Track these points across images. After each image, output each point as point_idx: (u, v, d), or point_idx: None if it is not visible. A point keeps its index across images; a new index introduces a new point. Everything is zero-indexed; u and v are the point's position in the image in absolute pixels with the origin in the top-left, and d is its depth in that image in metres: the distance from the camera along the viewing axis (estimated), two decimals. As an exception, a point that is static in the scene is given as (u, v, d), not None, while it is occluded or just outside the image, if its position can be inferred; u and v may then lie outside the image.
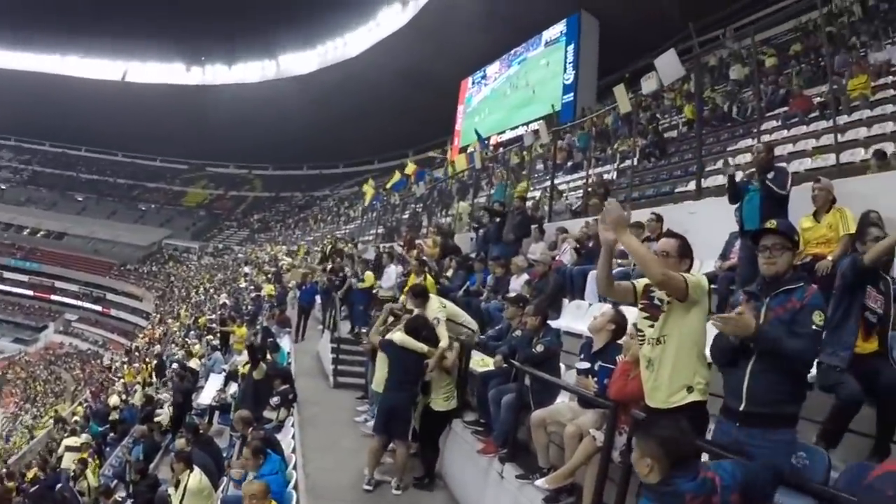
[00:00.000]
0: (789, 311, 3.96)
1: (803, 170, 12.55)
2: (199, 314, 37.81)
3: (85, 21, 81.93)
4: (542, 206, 17.15)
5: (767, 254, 4.13)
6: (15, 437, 43.95)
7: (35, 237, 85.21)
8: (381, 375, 8.77)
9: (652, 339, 4.50)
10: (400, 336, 8.31)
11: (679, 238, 4.82)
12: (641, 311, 4.67)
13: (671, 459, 3.29)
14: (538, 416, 6.22)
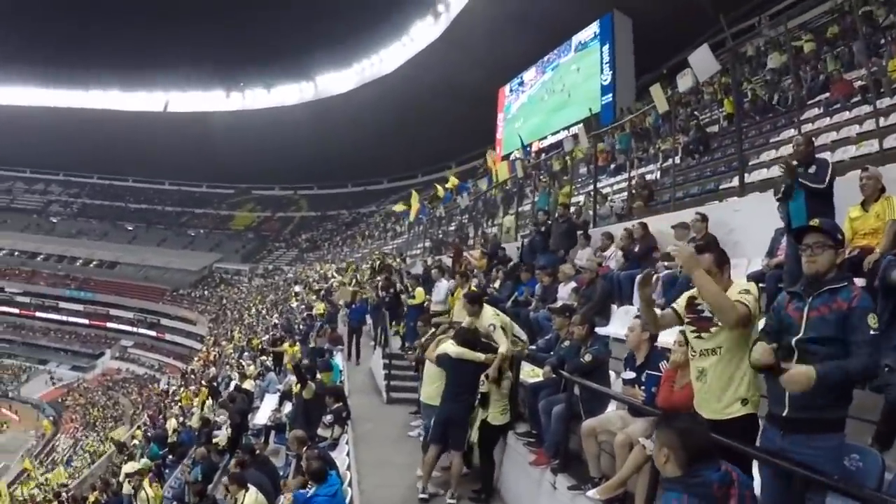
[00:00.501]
0: (835, 312, 3.84)
1: (848, 158, 12.26)
2: (252, 335, 38.06)
3: (125, 55, 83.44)
4: (585, 210, 17.03)
5: (809, 252, 4.03)
6: (76, 461, 44.58)
7: (88, 267, 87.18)
8: (431, 388, 8.80)
9: (704, 350, 4.46)
10: (455, 349, 8.29)
11: (711, 249, 4.68)
12: (688, 324, 4.60)
13: (687, 451, 3.45)
14: (588, 425, 6.18)
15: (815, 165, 7.36)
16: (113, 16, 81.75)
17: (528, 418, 8.49)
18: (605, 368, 7.28)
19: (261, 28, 76.88)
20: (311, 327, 25.88)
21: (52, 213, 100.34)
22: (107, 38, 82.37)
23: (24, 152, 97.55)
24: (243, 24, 78.44)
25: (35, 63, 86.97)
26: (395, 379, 14.25)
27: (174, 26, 79.19)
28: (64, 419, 59.72)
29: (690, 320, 4.58)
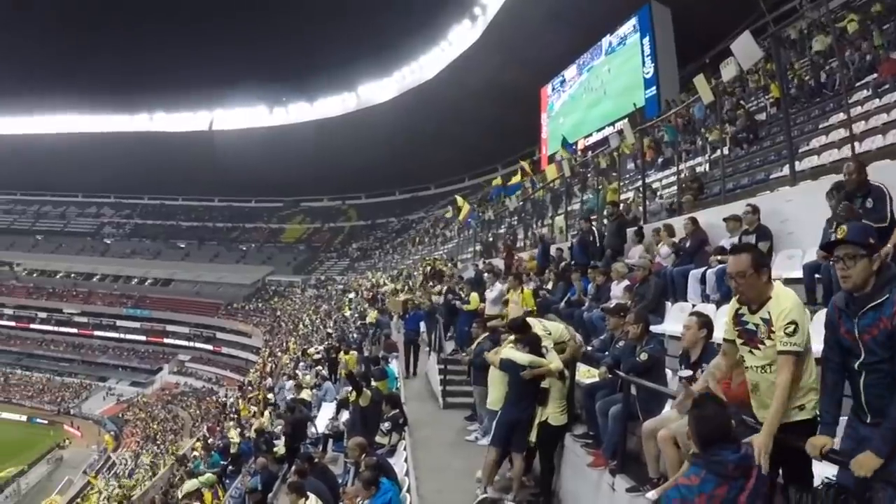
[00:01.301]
0: (883, 332, 3.68)
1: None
2: (308, 345, 38.24)
3: (168, 78, 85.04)
4: (635, 207, 16.86)
5: (841, 265, 3.86)
6: (137, 474, 45.17)
7: (143, 286, 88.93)
8: (497, 394, 8.75)
9: (755, 367, 4.36)
10: (525, 356, 8.24)
11: (749, 251, 4.49)
12: (738, 338, 4.48)
13: (699, 435, 3.90)
14: (649, 426, 6.06)
15: (872, 198, 7.07)
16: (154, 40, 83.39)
17: (584, 420, 8.37)
18: (662, 367, 7.17)
19: (301, 43, 77.54)
20: (364, 335, 25.95)
21: (106, 234, 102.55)
22: (149, 63, 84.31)
23: (75, 178, 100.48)
24: (284, 39, 79.19)
25: (82, 91, 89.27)
26: (451, 384, 14.22)
27: (216, 46, 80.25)
28: (124, 434, 60.55)
29: (738, 333, 4.47)
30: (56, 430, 62.13)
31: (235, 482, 18.39)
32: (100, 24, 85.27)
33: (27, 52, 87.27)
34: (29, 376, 78.26)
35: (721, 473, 3.72)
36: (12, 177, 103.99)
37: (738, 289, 4.33)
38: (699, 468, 3.81)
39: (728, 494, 3.68)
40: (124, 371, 78.86)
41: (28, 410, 68.93)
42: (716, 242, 10.32)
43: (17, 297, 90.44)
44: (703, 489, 3.68)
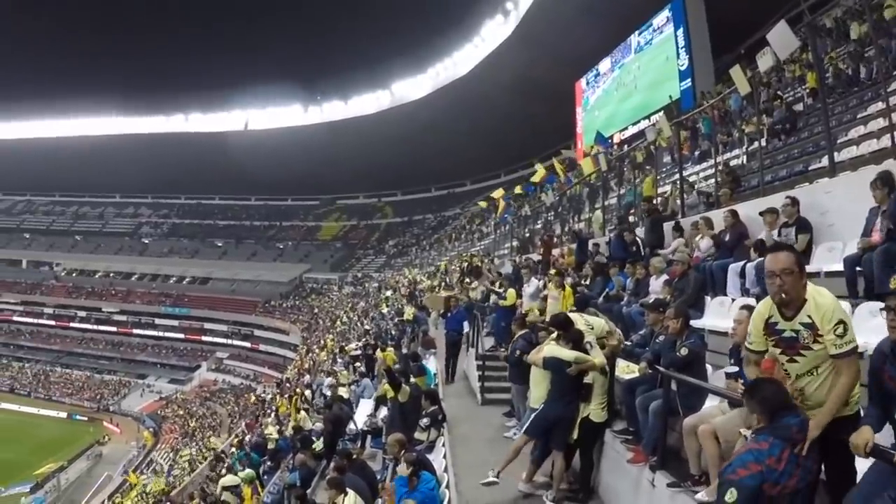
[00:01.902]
0: None
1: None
2: (345, 342, 38.33)
3: (203, 79, 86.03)
4: (673, 200, 16.73)
5: (891, 316, 3.89)
6: (176, 470, 45.70)
7: (181, 284, 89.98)
8: (539, 393, 8.72)
9: (801, 373, 4.31)
10: (570, 353, 8.21)
11: (791, 249, 4.48)
12: (774, 347, 4.42)
13: (770, 413, 4.07)
14: (690, 422, 6.02)
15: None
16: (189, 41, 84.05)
17: (624, 415, 8.33)
18: (702, 362, 7.12)
19: (335, 41, 77.88)
20: (402, 332, 25.95)
21: (144, 234, 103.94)
22: (185, 64, 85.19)
23: (113, 179, 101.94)
24: (318, 38, 79.58)
25: (118, 94, 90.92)
26: (490, 380, 14.17)
27: (250, 46, 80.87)
28: (163, 430, 61.30)
29: (775, 342, 4.41)
30: (96, 427, 63.15)
31: (273, 478, 18.45)
32: (135, 27, 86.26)
33: (64, 56, 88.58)
34: (69, 374, 79.44)
35: (786, 437, 3.94)
36: (51, 179, 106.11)
37: (783, 288, 4.21)
38: (766, 435, 4.02)
39: (792, 456, 3.90)
40: (163, 368, 79.73)
41: (68, 407, 69.90)
42: (755, 235, 10.23)
43: (58, 296, 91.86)
44: (773, 452, 3.90)
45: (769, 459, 3.86)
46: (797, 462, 3.88)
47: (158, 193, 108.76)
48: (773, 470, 3.83)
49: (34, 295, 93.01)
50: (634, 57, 44.96)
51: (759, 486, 3.81)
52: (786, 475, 3.83)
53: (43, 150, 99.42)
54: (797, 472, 3.87)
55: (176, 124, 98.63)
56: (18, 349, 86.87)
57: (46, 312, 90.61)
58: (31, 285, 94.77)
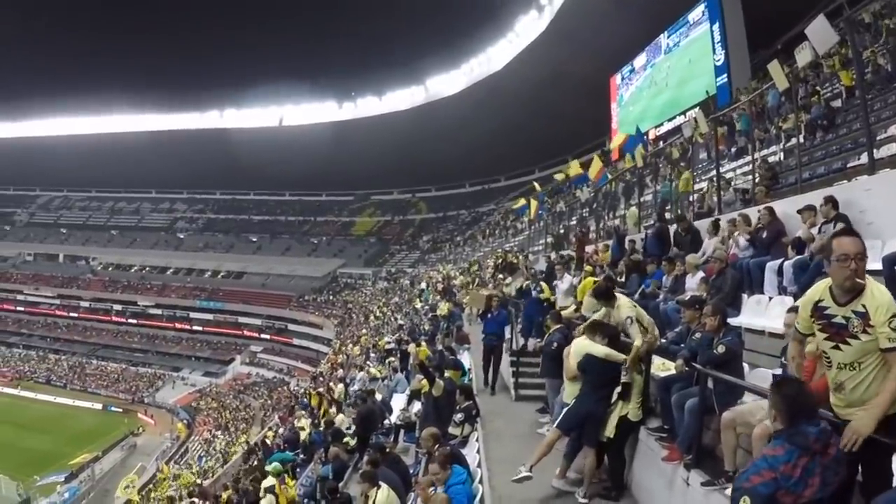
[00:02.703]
0: None
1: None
2: (379, 337, 38.40)
3: (238, 76, 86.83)
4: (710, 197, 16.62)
5: None
6: (209, 461, 46.21)
7: (216, 278, 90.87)
8: (573, 389, 8.70)
9: (842, 364, 4.22)
10: (602, 349, 8.19)
11: (859, 235, 4.42)
12: (820, 332, 4.35)
13: (789, 412, 3.95)
14: (728, 417, 5.99)
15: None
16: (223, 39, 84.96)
17: (659, 413, 8.25)
18: (739, 360, 7.04)
19: (369, 37, 77.97)
20: (436, 327, 25.94)
21: (179, 229, 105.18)
22: (219, 61, 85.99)
23: (148, 175, 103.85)
24: (353, 35, 79.66)
25: (154, 91, 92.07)
26: (523, 376, 14.04)
27: (285, 43, 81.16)
28: (197, 422, 61.86)
29: (822, 327, 4.33)
30: (130, 418, 63.66)
31: (306, 471, 18.58)
32: (171, 24, 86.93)
33: (101, 54, 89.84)
34: (104, 366, 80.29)
35: (802, 445, 3.82)
36: (88, 175, 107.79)
37: (856, 272, 4.17)
38: (783, 440, 3.93)
39: (809, 465, 3.78)
40: (197, 361, 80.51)
41: (103, 399, 70.74)
42: (792, 233, 10.15)
43: (94, 290, 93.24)
44: (788, 459, 3.80)
45: (784, 466, 3.77)
46: (815, 471, 3.76)
47: (194, 189, 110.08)
48: (788, 477, 3.73)
49: (71, 289, 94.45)
50: (669, 52, 44.64)
51: (772, 495, 3.73)
52: (802, 484, 3.73)
53: (80, 146, 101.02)
54: (815, 481, 3.75)
55: (211, 121, 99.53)
56: (55, 342, 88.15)
57: (83, 306, 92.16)
58: (67, 279, 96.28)
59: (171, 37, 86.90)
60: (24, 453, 51.18)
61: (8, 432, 56.33)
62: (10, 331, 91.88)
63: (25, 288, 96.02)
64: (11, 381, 75.80)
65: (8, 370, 79.97)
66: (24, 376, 77.83)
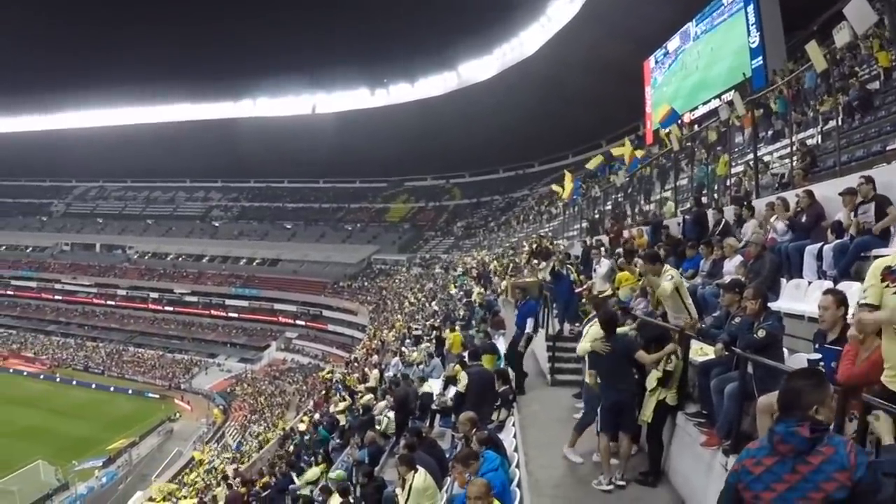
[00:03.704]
0: None
1: None
2: (413, 323, 38.53)
3: (271, 64, 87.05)
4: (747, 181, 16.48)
5: None
6: (245, 446, 46.70)
7: (251, 266, 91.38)
8: None
9: None
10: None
11: None
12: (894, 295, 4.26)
13: (782, 405, 3.60)
14: (765, 401, 5.85)
15: None
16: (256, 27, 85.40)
17: (697, 398, 8.22)
18: (780, 345, 6.94)
19: (401, 24, 77.64)
20: (472, 313, 25.96)
21: (214, 217, 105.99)
22: (252, 50, 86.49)
23: (183, 164, 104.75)
24: (384, 21, 79.54)
25: (187, 80, 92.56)
26: (560, 361, 14.00)
27: (317, 31, 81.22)
28: (233, 408, 62.62)
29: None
30: (167, 404, 64.48)
31: (342, 455, 18.73)
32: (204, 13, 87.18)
33: (134, 45, 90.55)
34: (141, 353, 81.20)
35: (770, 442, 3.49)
36: (123, 165, 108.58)
37: None
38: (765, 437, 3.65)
39: (775, 467, 3.43)
40: (233, 348, 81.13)
41: (140, 385, 71.75)
42: (830, 217, 10.05)
43: (130, 278, 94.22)
44: (756, 454, 3.55)
45: (747, 460, 3.58)
46: (783, 477, 3.38)
47: (228, 178, 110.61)
48: (748, 472, 3.52)
49: (108, 277, 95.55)
50: (703, 35, 44.14)
51: (734, 485, 3.59)
52: (760, 484, 3.45)
53: (115, 137, 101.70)
54: (780, 487, 3.38)
55: (244, 109, 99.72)
56: (92, 329, 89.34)
57: (120, 294, 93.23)
58: (104, 268, 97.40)
59: (204, 26, 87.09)
60: (63, 439, 51.94)
61: (47, 418, 57.27)
62: (49, 319, 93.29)
63: (63, 277, 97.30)
64: (50, 368, 77.12)
65: (46, 358, 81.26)
66: (62, 364, 79.08)
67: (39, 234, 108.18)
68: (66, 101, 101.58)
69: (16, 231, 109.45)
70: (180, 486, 39.86)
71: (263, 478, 24.70)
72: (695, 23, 44.22)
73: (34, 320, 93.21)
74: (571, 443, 9.14)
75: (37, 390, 67.57)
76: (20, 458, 44.81)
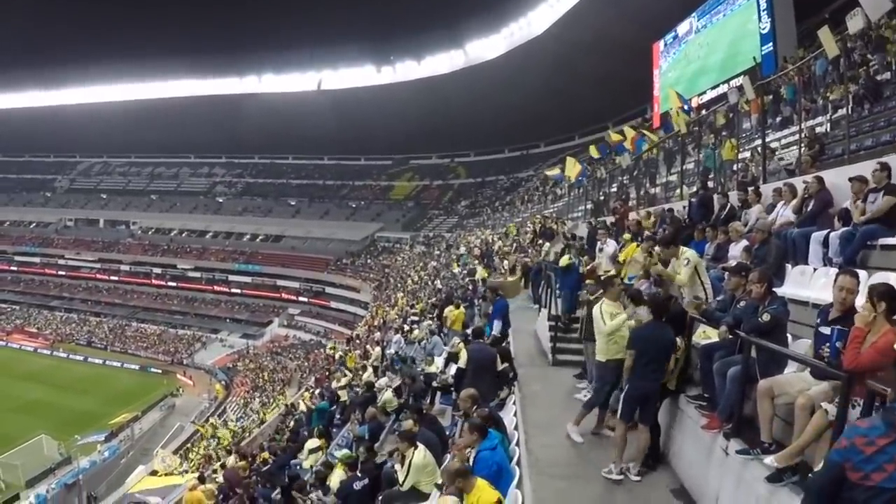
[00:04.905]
0: None
1: None
2: (416, 301, 38.57)
3: (276, 40, 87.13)
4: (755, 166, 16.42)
5: None
6: (245, 421, 46.96)
7: (255, 242, 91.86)
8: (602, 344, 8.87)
9: None
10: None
11: None
12: None
13: None
14: (765, 385, 5.93)
15: None
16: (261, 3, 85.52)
17: (699, 381, 8.17)
18: (784, 329, 6.94)
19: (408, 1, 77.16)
20: (474, 292, 25.93)
21: (218, 193, 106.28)
22: (258, 26, 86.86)
23: (187, 140, 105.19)
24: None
25: (192, 56, 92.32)
26: (561, 341, 14.02)
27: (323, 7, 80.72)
28: (235, 383, 63.14)
29: None
30: (169, 379, 65.01)
31: (343, 431, 18.79)
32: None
33: (137, 19, 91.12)
34: (144, 329, 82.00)
35: (889, 422, 3.43)
36: (127, 141, 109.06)
37: None
38: (879, 414, 3.70)
39: (889, 447, 3.36)
40: (235, 324, 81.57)
41: (143, 360, 72.18)
42: (839, 204, 10.01)
43: (134, 254, 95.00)
44: (868, 433, 3.45)
45: (858, 438, 3.45)
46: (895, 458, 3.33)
47: (232, 153, 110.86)
48: (858, 451, 3.40)
49: (111, 253, 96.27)
50: (713, 20, 43.87)
51: (840, 464, 3.45)
52: (871, 464, 3.35)
53: (118, 113, 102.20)
54: (890, 468, 3.31)
55: (249, 85, 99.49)
56: (96, 305, 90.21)
57: (123, 269, 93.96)
58: (108, 244, 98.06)
59: (209, 2, 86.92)
60: (66, 414, 52.46)
61: (50, 393, 57.77)
62: (53, 294, 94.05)
63: (67, 252, 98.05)
64: (53, 343, 77.61)
65: (50, 333, 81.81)
66: (65, 339, 79.67)
67: (43, 209, 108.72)
68: (70, 77, 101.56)
69: (20, 207, 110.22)
70: (182, 461, 40.11)
71: (263, 452, 24.85)
72: (710, 1, 43.84)
73: (38, 296, 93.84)
74: (577, 421, 9.16)
75: (40, 365, 68.09)
76: (23, 432, 45.25)
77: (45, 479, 41.45)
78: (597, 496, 7.71)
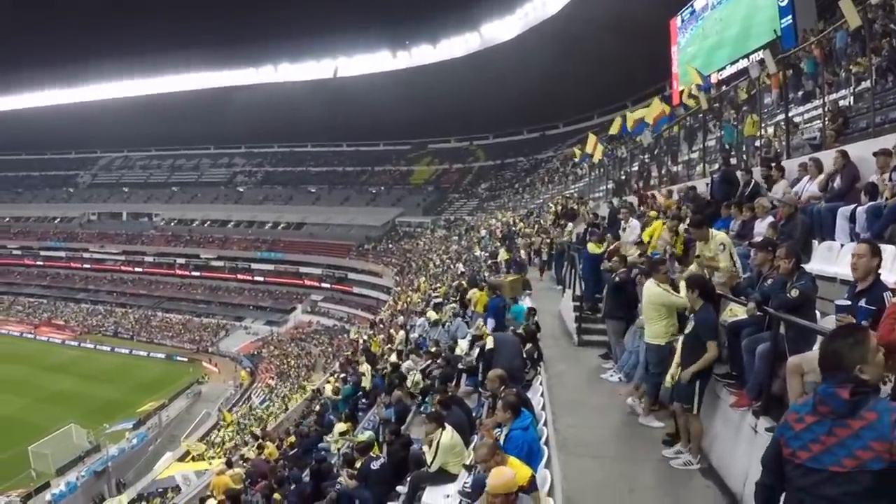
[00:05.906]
0: None
1: None
2: (439, 284, 38.58)
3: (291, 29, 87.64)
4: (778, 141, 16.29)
5: None
6: (271, 406, 47.44)
7: (276, 230, 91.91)
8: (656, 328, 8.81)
9: None
10: None
11: None
12: None
13: (826, 366, 3.48)
14: (794, 361, 5.85)
15: None
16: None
17: (726, 358, 8.05)
18: (813, 305, 6.83)
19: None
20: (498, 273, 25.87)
21: (239, 182, 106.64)
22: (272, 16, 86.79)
23: (206, 131, 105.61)
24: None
25: (208, 48, 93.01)
26: (587, 321, 14.06)
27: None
28: (260, 370, 63.62)
29: None
30: (195, 367, 65.64)
31: (369, 414, 18.87)
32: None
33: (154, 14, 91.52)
34: (169, 318, 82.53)
35: (813, 402, 3.43)
36: (147, 134, 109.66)
37: None
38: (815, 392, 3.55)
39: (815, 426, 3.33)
40: (259, 311, 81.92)
41: (169, 349, 72.84)
42: (865, 178, 9.90)
43: (157, 245, 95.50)
44: (800, 410, 3.49)
45: (791, 414, 3.52)
46: (819, 438, 3.28)
47: (252, 143, 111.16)
48: (789, 427, 3.45)
49: (135, 245, 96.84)
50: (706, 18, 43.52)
51: (777, 440, 3.53)
52: (799, 441, 3.35)
53: (138, 107, 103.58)
54: (815, 448, 3.27)
55: (266, 75, 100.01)
56: (121, 296, 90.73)
57: (147, 261, 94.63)
58: (131, 236, 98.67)
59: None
60: (94, 402, 53.20)
61: (78, 384, 58.43)
62: (78, 287, 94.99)
63: (91, 246, 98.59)
64: (80, 335, 78.33)
65: (77, 325, 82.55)
66: (92, 330, 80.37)
67: (67, 205, 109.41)
68: (89, 74, 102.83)
69: (43, 203, 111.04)
70: (209, 447, 40.46)
71: (290, 437, 25.00)
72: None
73: (64, 289, 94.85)
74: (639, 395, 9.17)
75: (68, 357, 68.80)
76: (53, 422, 45.83)
77: (74, 466, 42.08)
78: (624, 475, 7.70)
